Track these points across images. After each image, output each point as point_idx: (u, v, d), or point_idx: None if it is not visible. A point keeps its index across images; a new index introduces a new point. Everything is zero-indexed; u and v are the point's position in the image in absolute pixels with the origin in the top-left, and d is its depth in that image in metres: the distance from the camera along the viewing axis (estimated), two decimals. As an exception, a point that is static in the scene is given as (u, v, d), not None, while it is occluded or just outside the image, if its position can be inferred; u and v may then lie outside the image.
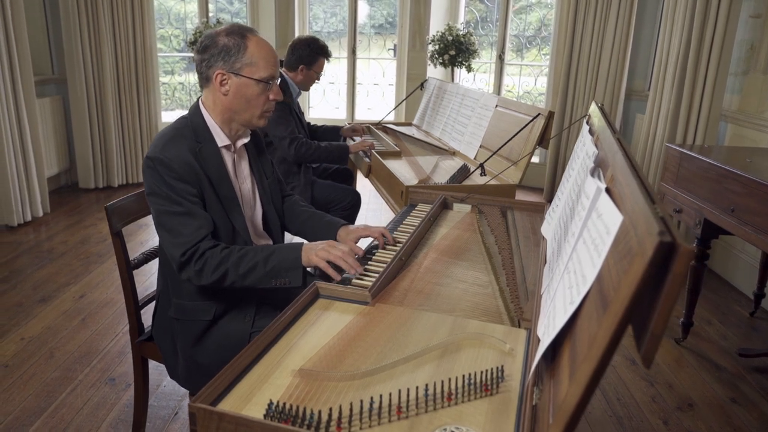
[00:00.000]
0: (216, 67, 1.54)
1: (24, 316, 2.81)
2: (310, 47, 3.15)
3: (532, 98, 5.94)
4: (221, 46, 1.53)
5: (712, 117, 3.55)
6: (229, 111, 1.59)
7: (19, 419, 2.09)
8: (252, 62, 1.54)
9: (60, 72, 4.81)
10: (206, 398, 0.96)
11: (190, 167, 1.52)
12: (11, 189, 3.86)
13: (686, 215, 2.72)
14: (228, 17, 6.14)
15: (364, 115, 6.39)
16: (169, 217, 1.49)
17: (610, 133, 1.26)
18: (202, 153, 1.56)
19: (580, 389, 0.69)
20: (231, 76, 1.54)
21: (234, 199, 1.62)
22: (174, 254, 1.49)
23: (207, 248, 1.48)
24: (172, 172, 1.49)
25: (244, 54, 1.53)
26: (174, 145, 1.52)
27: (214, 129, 1.61)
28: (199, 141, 1.57)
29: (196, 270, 1.48)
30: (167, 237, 1.50)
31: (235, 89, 1.55)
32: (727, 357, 2.70)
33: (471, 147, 3.13)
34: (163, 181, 1.49)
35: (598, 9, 4.62)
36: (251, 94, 1.57)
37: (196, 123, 1.59)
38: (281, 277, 1.49)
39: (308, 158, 3.06)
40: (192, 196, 1.51)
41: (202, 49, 1.56)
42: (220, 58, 1.53)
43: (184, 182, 1.50)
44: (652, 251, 0.62)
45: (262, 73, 1.56)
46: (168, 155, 1.50)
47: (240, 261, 1.48)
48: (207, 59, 1.55)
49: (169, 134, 1.56)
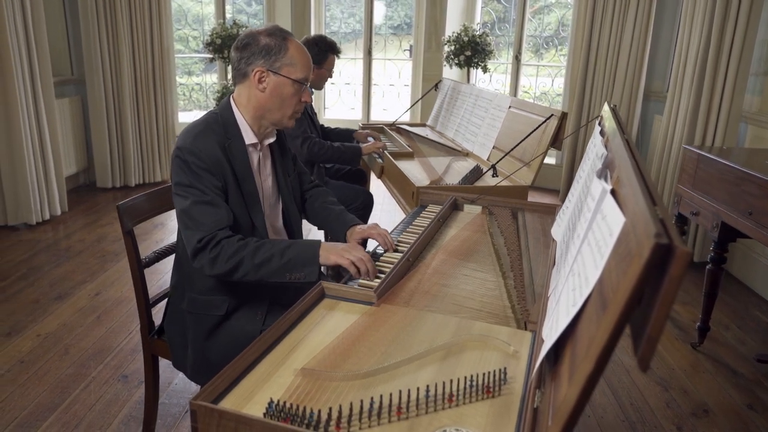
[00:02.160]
0: (256, 65, 1.59)
1: (41, 313, 2.85)
2: (319, 46, 3.15)
3: (549, 99, 5.89)
4: (263, 45, 1.58)
5: (732, 118, 3.49)
6: (262, 109, 1.63)
7: (34, 414, 2.12)
8: (292, 63, 1.60)
9: (79, 73, 4.89)
10: (208, 396, 0.97)
11: (218, 160, 1.56)
12: (30, 188, 3.93)
13: (703, 218, 2.68)
14: (245, 18, 6.19)
15: (380, 115, 6.39)
16: (193, 205, 1.52)
17: (619, 134, 1.25)
18: (230, 148, 1.60)
19: (577, 390, 0.68)
20: (270, 74, 1.59)
21: (255, 195, 1.66)
22: (191, 240, 1.51)
23: (224, 237, 1.51)
24: (200, 161, 1.53)
25: (285, 54, 1.59)
26: (204, 138, 1.57)
27: (243, 126, 1.65)
28: (228, 137, 1.61)
29: (210, 257, 1.49)
30: (187, 223, 1.53)
31: (273, 87, 1.60)
32: (744, 362, 2.65)
33: (484, 148, 3.11)
34: (191, 171, 1.53)
35: (616, 8, 4.56)
36: (287, 93, 1.61)
37: (225, 118, 1.64)
38: (297, 271, 1.49)
39: (320, 158, 3.06)
40: (217, 188, 1.55)
41: (242, 47, 1.60)
42: (261, 56, 1.58)
43: (211, 174, 1.55)
44: (648, 253, 0.61)
45: (299, 74, 1.62)
46: (198, 146, 1.54)
47: (256, 251, 1.50)
48: (246, 57, 1.59)
49: (199, 127, 1.60)
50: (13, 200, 3.92)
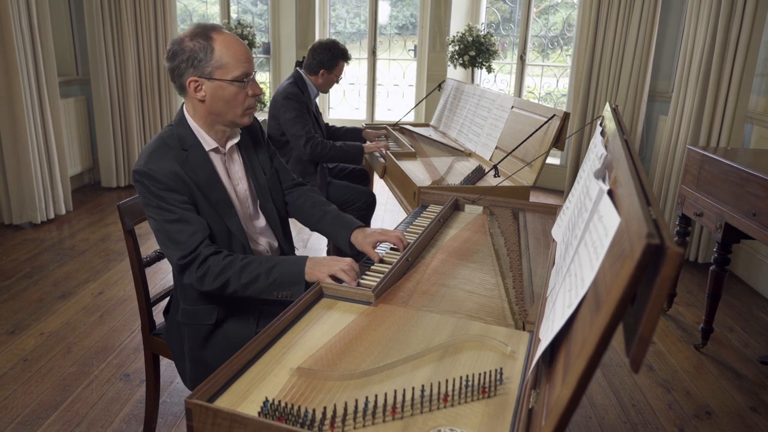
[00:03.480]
0: (187, 75, 1.51)
1: (44, 312, 2.87)
2: (331, 52, 3.15)
3: (554, 99, 5.87)
4: (188, 51, 1.49)
5: (737, 119, 3.47)
6: (211, 115, 1.57)
7: (36, 412, 2.13)
8: (222, 64, 1.50)
9: (84, 73, 4.91)
10: (203, 394, 0.97)
11: (177, 176, 1.51)
12: (35, 187, 3.95)
13: (707, 219, 2.66)
14: (250, 18, 6.20)
15: (384, 116, 6.39)
16: (164, 225, 1.49)
17: (618, 134, 1.24)
18: (188, 160, 1.55)
19: (570, 389, 0.68)
20: (204, 81, 1.51)
21: (227, 201, 1.61)
22: (172, 258, 1.50)
23: (209, 254, 1.48)
24: (158, 183, 1.49)
25: (212, 56, 1.49)
26: (159, 157, 1.51)
27: (200, 134, 1.59)
28: (185, 149, 1.55)
29: (198, 276, 1.48)
30: (166, 244, 1.51)
31: (211, 93, 1.52)
32: (748, 364, 2.63)
33: (487, 148, 3.11)
34: (152, 193, 1.49)
35: (621, 8, 4.54)
36: (228, 95, 1.53)
37: (180, 131, 1.58)
38: (283, 290, 1.47)
39: (323, 157, 3.07)
40: (182, 203, 1.50)
41: (170, 57, 1.52)
42: (189, 64, 1.49)
43: (172, 191, 1.50)
44: (640, 253, 0.61)
45: (235, 73, 1.52)
46: (152, 167, 1.49)
47: (242, 270, 1.47)
48: (177, 67, 1.51)
49: (153, 146, 1.55)
50: (18, 199, 3.94)
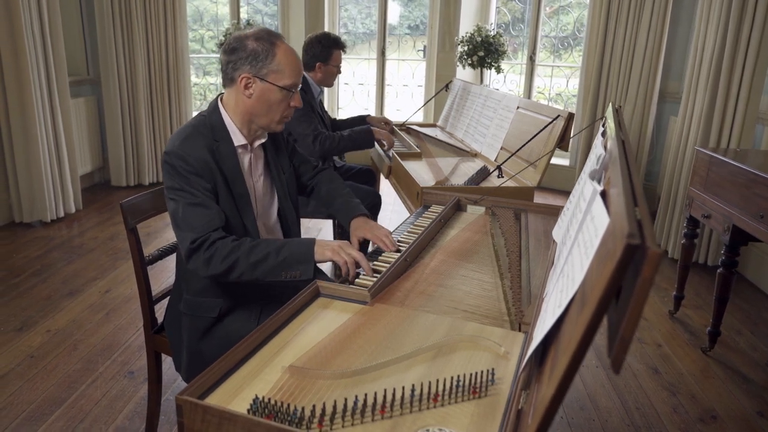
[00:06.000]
0: (242, 70, 1.57)
1: (52, 309, 2.90)
2: (322, 43, 3.15)
3: (564, 100, 5.84)
4: (250, 50, 1.56)
5: (748, 120, 3.42)
6: (250, 114, 1.62)
7: (41, 408, 2.15)
8: (278, 69, 1.57)
9: (94, 73, 4.96)
10: (194, 391, 0.97)
11: (206, 163, 1.55)
12: (45, 186, 3.99)
13: (715, 221, 2.64)
14: (260, 19, 6.23)
15: (393, 116, 6.39)
16: (184, 208, 1.52)
17: (615, 133, 1.23)
18: (218, 150, 1.60)
19: (553, 387, 0.68)
20: (256, 81, 1.58)
21: (246, 196, 1.65)
22: (184, 242, 1.51)
23: (218, 238, 1.51)
24: (188, 165, 1.53)
25: (272, 60, 1.56)
26: (191, 142, 1.56)
27: (232, 128, 1.64)
28: (216, 139, 1.60)
29: (205, 258, 1.49)
30: (180, 225, 1.53)
31: (259, 93, 1.59)
32: (756, 368, 2.60)
33: (492, 149, 3.10)
34: (179, 174, 1.53)
35: (631, 8, 4.51)
36: (274, 99, 1.60)
37: (213, 121, 1.63)
38: (292, 269, 1.49)
39: (334, 151, 3.05)
40: (206, 190, 1.55)
41: (229, 51, 1.58)
42: (247, 61, 1.56)
43: (200, 176, 1.54)
44: (621, 253, 0.60)
45: (287, 81, 1.59)
46: (185, 150, 1.54)
47: (252, 250, 1.49)
48: (234, 61, 1.58)
49: (187, 130, 1.60)
50: (29, 198, 3.99)
